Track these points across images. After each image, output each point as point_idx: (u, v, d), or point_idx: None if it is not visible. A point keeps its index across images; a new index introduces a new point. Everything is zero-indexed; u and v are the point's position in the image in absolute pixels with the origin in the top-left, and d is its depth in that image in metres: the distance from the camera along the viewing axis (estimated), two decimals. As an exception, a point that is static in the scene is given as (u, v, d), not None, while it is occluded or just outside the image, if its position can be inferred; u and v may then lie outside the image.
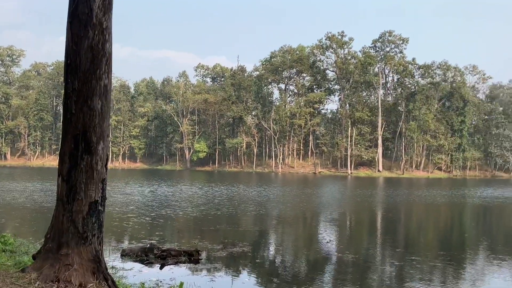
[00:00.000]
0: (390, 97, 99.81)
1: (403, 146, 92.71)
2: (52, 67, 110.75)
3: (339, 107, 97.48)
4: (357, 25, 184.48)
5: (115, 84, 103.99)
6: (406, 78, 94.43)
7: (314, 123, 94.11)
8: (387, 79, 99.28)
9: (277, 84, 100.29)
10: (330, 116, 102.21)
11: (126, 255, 11.84)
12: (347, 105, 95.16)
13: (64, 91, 6.34)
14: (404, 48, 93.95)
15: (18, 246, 10.04)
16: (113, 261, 11.14)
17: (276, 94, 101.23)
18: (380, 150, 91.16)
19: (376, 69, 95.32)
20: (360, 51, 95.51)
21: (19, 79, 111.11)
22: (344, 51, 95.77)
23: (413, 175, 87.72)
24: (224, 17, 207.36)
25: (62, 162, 6.28)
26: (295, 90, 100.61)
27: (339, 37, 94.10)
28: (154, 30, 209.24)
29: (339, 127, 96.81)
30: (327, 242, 15.98)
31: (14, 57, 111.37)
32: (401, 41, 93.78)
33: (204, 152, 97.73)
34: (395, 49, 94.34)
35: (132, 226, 17.34)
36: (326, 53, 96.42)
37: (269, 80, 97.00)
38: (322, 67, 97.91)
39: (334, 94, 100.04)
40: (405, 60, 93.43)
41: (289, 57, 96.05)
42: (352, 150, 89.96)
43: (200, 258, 11.86)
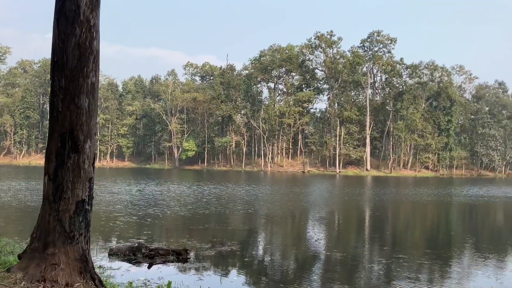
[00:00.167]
0: (378, 97, 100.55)
1: (391, 145, 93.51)
2: (39, 65, 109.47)
3: (328, 106, 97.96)
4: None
5: (103, 82, 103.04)
6: (394, 78, 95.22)
7: (303, 122, 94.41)
8: (375, 79, 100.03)
9: (266, 83, 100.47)
10: (319, 115, 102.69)
11: (114, 255, 11.75)
12: (336, 105, 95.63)
13: (51, 89, 6.26)
14: (392, 48, 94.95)
15: (4, 246, 9.89)
16: (101, 261, 11.06)
17: (265, 93, 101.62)
18: (368, 149, 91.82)
19: (365, 69, 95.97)
20: (349, 51, 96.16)
21: (5, 77, 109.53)
22: (333, 51, 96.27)
23: (401, 174, 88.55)
24: (214, 16, 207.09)
25: (49, 161, 6.20)
26: (284, 89, 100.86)
27: (328, 37, 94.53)
28: (143, 28, 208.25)
29: (328, 126, 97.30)
30: (315, 241, 16.06)
31: (0, 54, 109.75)
32: (389, 41, 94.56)
33: (193, 151, 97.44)
34: (383, 49, 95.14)
35: (120, 225, 17.21)
36: (315, 53, 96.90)
37: (259, 79, 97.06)
38: (311, 66, 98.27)
39: (323, 94, 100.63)
40: (393, 60, 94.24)
41: (279, 56, 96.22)
42: (341, 149, 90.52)
43: (189, 257, 11.83)
